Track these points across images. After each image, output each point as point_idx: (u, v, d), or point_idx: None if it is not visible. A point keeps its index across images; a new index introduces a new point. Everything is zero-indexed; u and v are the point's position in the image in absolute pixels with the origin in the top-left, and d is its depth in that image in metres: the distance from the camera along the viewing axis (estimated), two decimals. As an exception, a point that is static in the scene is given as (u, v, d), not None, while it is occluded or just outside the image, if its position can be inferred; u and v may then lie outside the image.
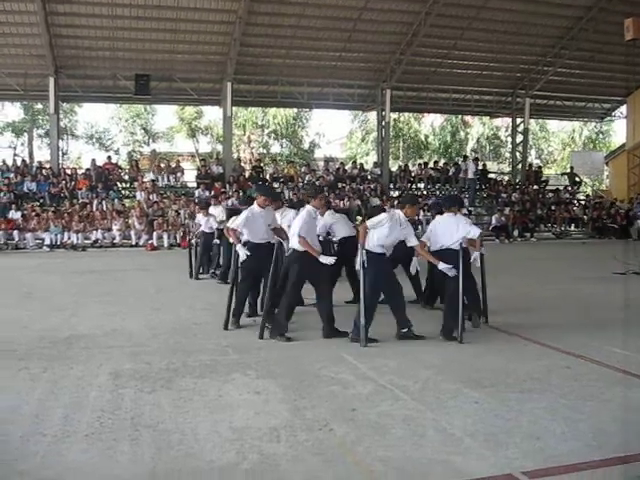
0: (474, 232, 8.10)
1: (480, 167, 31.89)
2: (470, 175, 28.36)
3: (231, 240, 8.71)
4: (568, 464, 4.16)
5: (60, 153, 27.91)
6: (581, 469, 4.10)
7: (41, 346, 7.30)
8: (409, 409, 5.20)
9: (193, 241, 14.55)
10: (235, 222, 8.58)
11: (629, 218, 28.14)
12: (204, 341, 7.65)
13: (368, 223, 7.73)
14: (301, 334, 8.02)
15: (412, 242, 7.92)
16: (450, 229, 8.17)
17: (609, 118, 37.02)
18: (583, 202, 31.21)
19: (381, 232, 7.64)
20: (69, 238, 21.31)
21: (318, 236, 8.77)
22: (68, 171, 26.46)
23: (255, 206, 8.56)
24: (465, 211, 19.11)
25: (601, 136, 48.24)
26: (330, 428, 4.76)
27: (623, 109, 33.75)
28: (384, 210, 9.32)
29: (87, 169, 26.41)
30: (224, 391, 5.66)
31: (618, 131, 42.12)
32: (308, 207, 8.21)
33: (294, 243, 7.86)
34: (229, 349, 7.23)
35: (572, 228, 29.08)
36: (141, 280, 13.76)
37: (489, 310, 8.86)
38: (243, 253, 8.24)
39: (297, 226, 7.90)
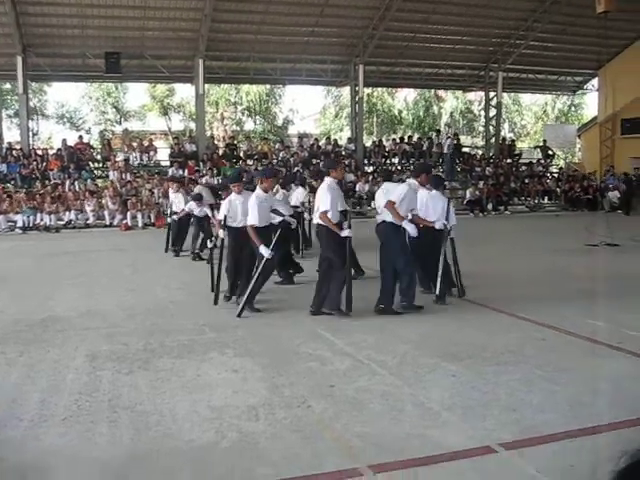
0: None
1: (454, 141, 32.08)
2: (445, 150, 28.40)
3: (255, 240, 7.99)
4: (545, 434, 4.23)
5: (30, 134, 27.34)
6: (558, 439, 4.16)
7: (17, 330, 7.24)
8: (387, 384, 5.24)
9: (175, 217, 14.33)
10: (253, 217, 8.00)
11: (601, 190, 28.40)
12: (181, 321, 7.64)
13: (394, 199, 7.71)
14: (278, 311, 8.04)
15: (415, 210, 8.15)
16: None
17: (581, 91, 37.16)
18: (556, 175, 31.42)
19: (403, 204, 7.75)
20: (42, 220, 21.05)
21: None
22: (39, 152, 25.97)
23: (259, 191, 8.23)
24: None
25: (573, 109, 48.45)
26: (308, 405, 4.78)
27: (595, 82, 33.88)
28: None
29: (58, 149, 26.00)
30: (202, 370, 5.66)
31: (590, 104, 42.35)
32: (328, 180, 8.02)
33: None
34: (206, 328, 7.22)
35: (545, 201, 29.25)
36: (116, 260, 13.65)
37: (465, 284, 8.94)
38: (268, 253, 7.79)
39: (324, 202, 7.74)
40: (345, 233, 7.59)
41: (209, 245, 10.64)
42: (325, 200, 7.71)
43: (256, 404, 4.80)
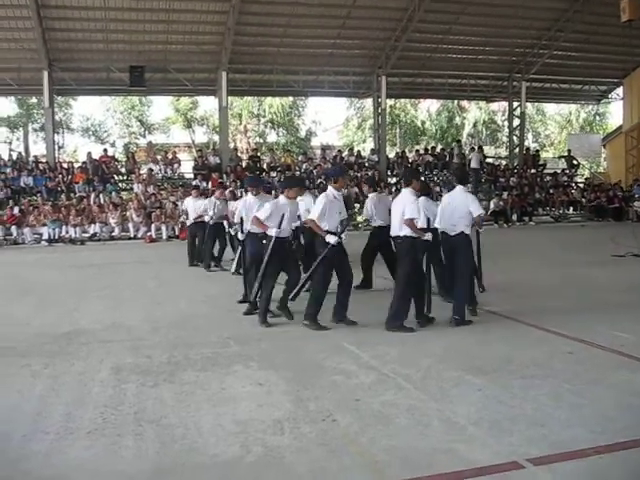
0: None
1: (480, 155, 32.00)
2: (474, 165, 28.25)
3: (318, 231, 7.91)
4: (572, 450, 4.16)
5: (56, 147, 27.77)
6: (586, 455, 4.09)
7: (41, 342, 7.28)
8: (412, 398, 5.19)
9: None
10: (314, 215, 7.87)
11: (626, 200, 28.10)
12: (205, 333, 7.63)
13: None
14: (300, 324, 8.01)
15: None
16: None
17: (606, 100, 36.90)
18: (581, 185, 31.17)
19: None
20: (67, 232, 21.26)
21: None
22: (64, 165, 26.30)
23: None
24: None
25: (598, 118, 48.09)
26: (334, 419, 4.75)
27: (619, 91, 33.62)
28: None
29: (83, 162, 26.29)
30: (226, 384, 5.65)
31: (614, 113, 42.04)
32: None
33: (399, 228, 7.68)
34: (230, 341, 7.21)
35: (570, 211, 29.02)
36: (140, 273, 13.73)
37: (488, 296, 8.87)
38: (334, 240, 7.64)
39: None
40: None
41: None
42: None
43: (281, 418, 4.78)
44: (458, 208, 8.00)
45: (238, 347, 6.95)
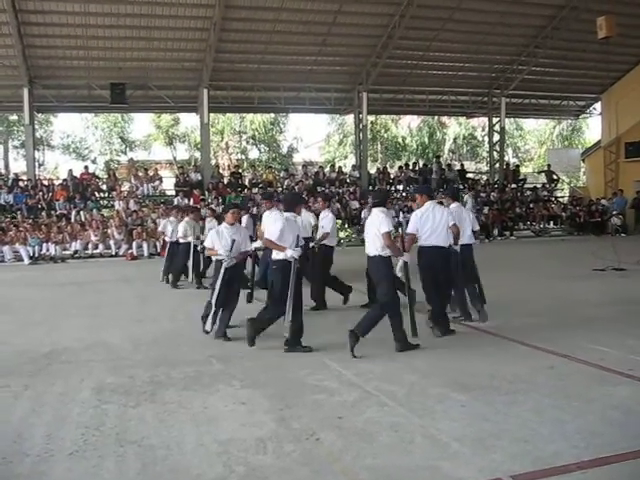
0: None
1: (458, 167, 32.20)
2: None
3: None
4: (557, 466, 4.18)
5: (36, 164, 27.68)
6: (570, 471, 4.10)
7: (21, 362, 7.20)
8: (396, 415, 5.19)
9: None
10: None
11: (606, 214, 28.39)
12: (187, 352, 7.59)
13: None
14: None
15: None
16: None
17: (584, 115, 37.28)
18: (561, 199, 31.43)
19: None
20: (48, 250, 21.09)
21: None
22: (45, 182, 26.16)
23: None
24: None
25: (575, 133, 48.56)
26: (317, 437, 4.73)
27: (597, 106, 34.02)
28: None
29: (64, 180, 26.15)
30: (209, 403, 5.61)
31: (593, 128, 42.51)
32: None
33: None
34: (213, 359, 7.18)
35: (551, 225, 29.24)
36: (122, 291, 13.65)
37: (471, 312, 8.93)
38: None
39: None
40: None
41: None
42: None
43: (264, 437, 4.75)
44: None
45: (221, 365, 6.92)
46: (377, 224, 7.49)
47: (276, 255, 7.73)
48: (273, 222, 8.48)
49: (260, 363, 6.99)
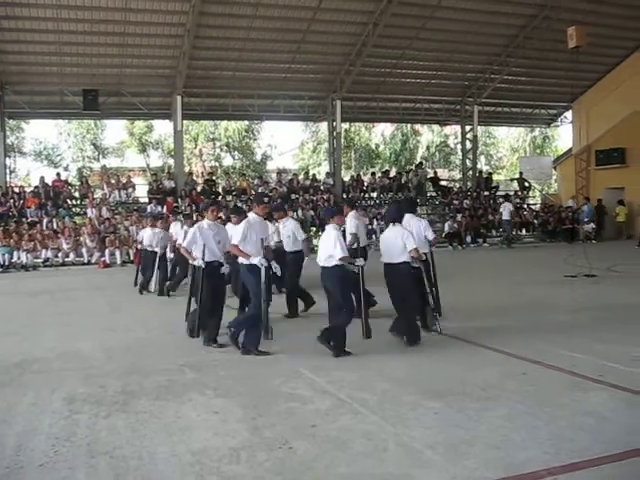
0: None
1: (431, 174, 32.43)
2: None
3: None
4: (528, 472, 4.21)
5: (7, 171, 27.25)
6: (540, 477, 4.14)
7: (-8, 372, 7.11)
8: (369, 423, 5.20)
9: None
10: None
11: (577, 221, 28.66)
12: (160, 361, 7.55)
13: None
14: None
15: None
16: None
17: (555, 123, 37.71)
18: (534, 207, 31.73)
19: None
20: (19, 258, 20.85)
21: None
22: (16, 189, 25.83)
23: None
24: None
25: (547, 141, 49.06)
26: (290, 446, 4.73)
27: (569, 114, 34.44)
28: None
29: (36, 187, 25.81)
30: (182, 412, 5.59)
31: (564, 136, 42.95)
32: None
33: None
34: (186, 368, 7.14)
35: (523, 232, 29.48)
36: (94, 299, 13.52)
37: (445, 317, 8.97)
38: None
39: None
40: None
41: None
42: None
43: (237, 446, 4.74)
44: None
45: (193, 374, 6.89)
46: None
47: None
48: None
49: (233, 372, 6.97)
